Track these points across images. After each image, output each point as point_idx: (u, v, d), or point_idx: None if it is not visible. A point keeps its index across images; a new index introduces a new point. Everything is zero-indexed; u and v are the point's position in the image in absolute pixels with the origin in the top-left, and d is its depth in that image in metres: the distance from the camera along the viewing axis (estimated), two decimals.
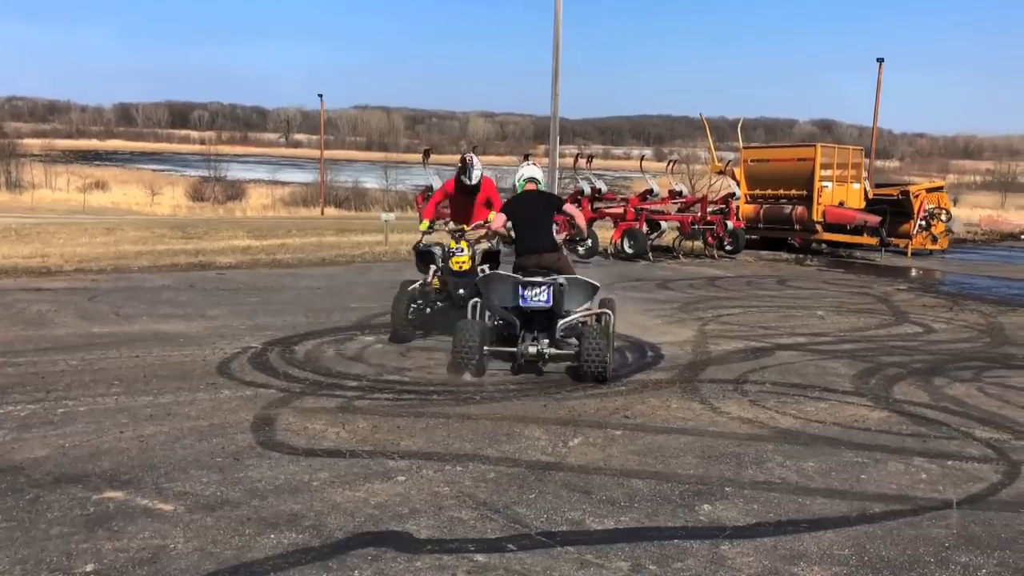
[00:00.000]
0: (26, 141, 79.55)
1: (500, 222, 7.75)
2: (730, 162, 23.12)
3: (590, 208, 18.38)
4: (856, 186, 21.90)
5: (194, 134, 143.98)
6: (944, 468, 5.04)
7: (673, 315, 10.67)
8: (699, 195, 21.20)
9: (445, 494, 4.40)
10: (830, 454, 5.25)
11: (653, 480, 4.70)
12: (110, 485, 4.41)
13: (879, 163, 66.12)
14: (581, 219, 8.41)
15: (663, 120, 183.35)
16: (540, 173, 8.08)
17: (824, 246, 21.34)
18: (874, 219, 19.65)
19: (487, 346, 6.97)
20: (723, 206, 19.42)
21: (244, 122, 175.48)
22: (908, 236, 20.71)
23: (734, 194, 19.87)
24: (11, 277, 12.31)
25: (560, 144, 22.56)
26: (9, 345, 7.80)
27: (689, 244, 19.51)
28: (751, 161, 22.54)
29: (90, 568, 3.49)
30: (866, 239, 20.19)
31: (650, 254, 17.97)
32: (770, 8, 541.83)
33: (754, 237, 21.15)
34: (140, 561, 3.55)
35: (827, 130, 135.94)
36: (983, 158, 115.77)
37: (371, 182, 60.04)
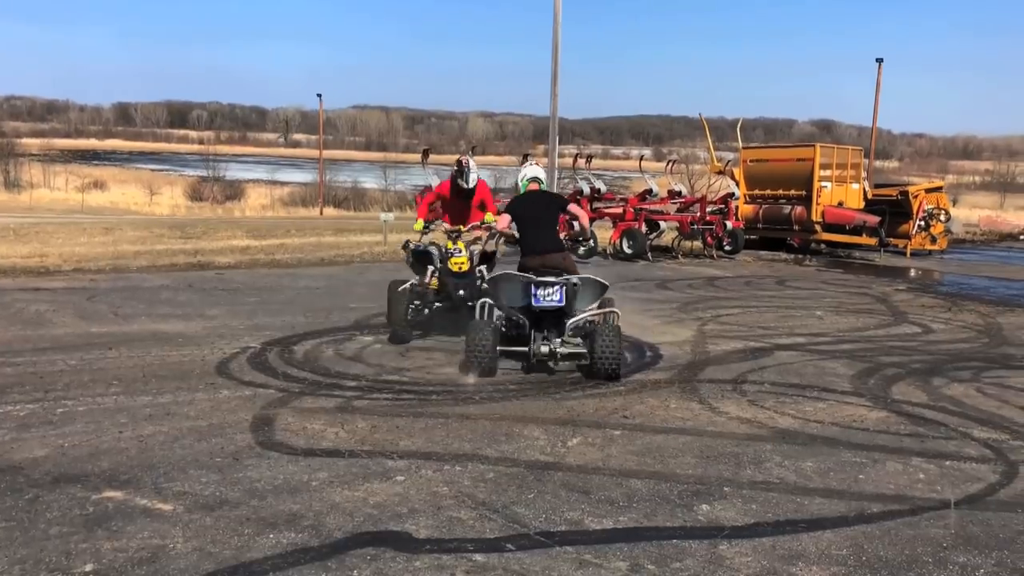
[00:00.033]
0: (24, 141, 79.62)
1: (505, 223, 7.74)
2: (729, 162, 23.14)
3: (589, 208, 18.39)
4: (855, 186, 21.91)
5: (193, 134, 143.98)
6: (942, 468, 5.04)
7: (672, 315, 10.67)
8: (698, 195, 21.23)
9: (444, 494, 4.40)
10: (828, 454, 5.25)
11: (652, 480, 4.70)
12: (109, 485, 4.41)
13: (878, 163, 66.17)
14: (585, 219, 8.42)
15: (662, 120, 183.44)
16: (543, 173, 8.12)
17: (823, 246, 21.34)
18: (873, 219, 19.65)
19: (499, 346, 7.01)
20: (722, 206, 19.45)
21: (243, 122, 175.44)
22: (907, 236, 20.72)
23: (733, 194, 19.89)
24: (9, 277, 12.31)
25: (559, 144, 22.60)
26: (8, 345, 7.80)
27: (688, 244, 19.52)
28: (750, 161, 22.55)
29: (89, 568, 3.49)
30: (865, 239, 20.20)
31: (649, 254, 17.98)
32: (769, 8, 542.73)
33: (753, 237, 21.16)
34: (139, 561, 3.56)
35: (826, 130, 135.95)
36: (982, 158, 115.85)
37: (370, 182, 60.08)
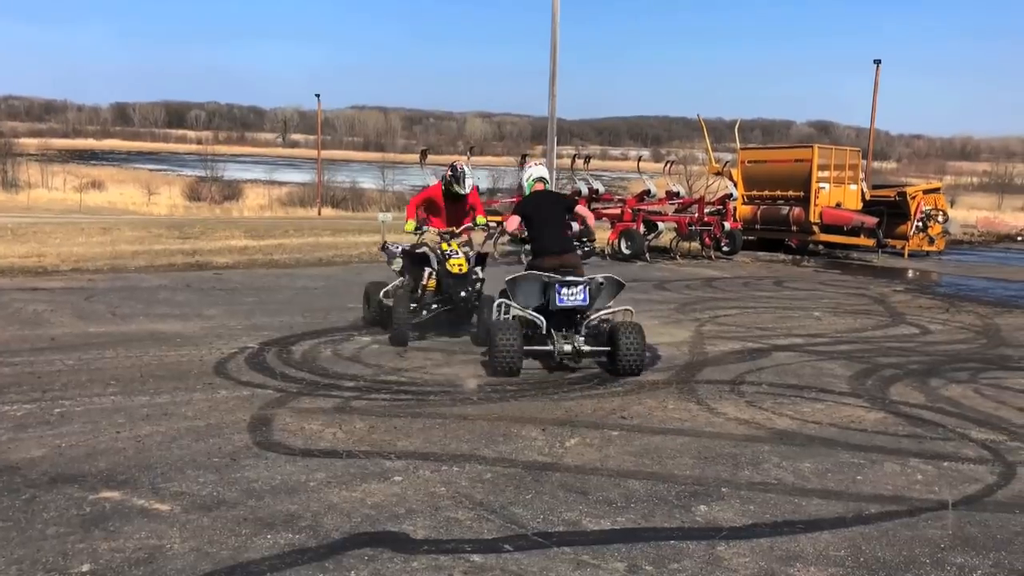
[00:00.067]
0: (22, 140, 79.57)
1: (515, 224, 7.78)
2: (727, 163, 23.16)
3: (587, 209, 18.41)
4: (853, 187, 21.92)
5: (191, 134, 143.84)
6: (940, 469, 5.05)
7: (670, 316, 10.68)
8: (696, 196, 21.23)
9: (442, 494, 4.40)
10: (826, 455, 5.26)
11: (649, 481, 4.70)
12: (106, 485, 4.40)
13: (876, 164, 66.24)
14: (592, 220, 8.50)
15: (660, 121, 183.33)
16: (547, 172, 8.18)
17: (821, 247, 21.36)
18: (871, 220, 19.67)
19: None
20: (720, 207, 19.45)
21: (241, 122, 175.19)
22: (905, 237, 20.73)
23: (731, 195, 19.89)
24: (7, 277, 12.30)
25: (558, 145, 22.59)
26: (5, 345, 7.79)
27: (686, 245, 19.53)
28: (748, 162, 22.57)
29: (86, 568, 3.49)
30: (863, 240, 20.22)
31: (647, 255, 17.99)
32: (768, 9, 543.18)
33: (751, 238, 21.18)
34: (136, 561, 3.55)
35: (824, 131, 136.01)
36: (980, 160, 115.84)
37: (368, 182, 60.01)
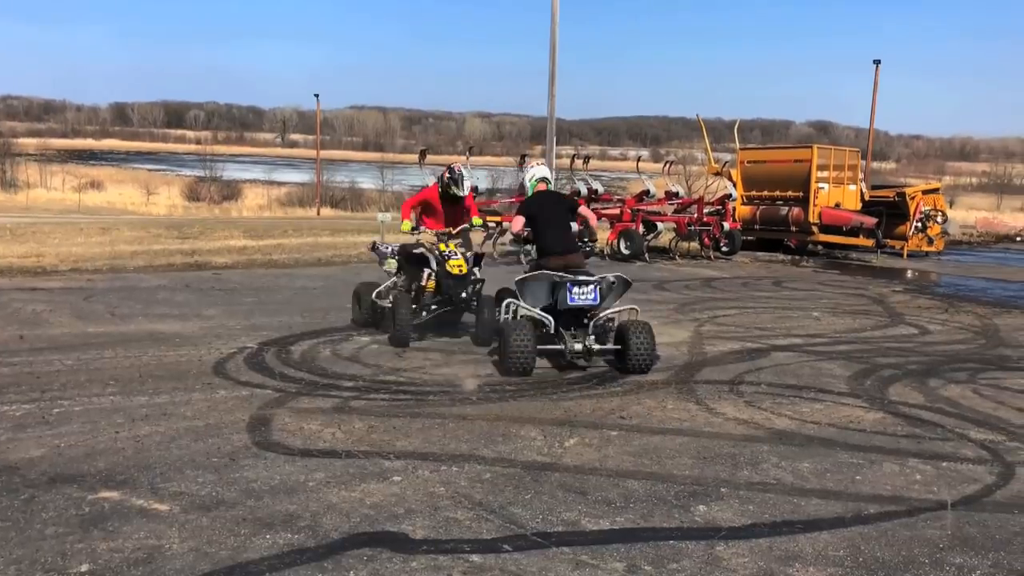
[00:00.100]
0: (21, 140, 79.56)
1: (519, 225, 7.80)
2: (726, 163, 23.15)
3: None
4: (852, 188, 21.91)
5: (190, 134, 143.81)
6: (939, 469, 5.05)
7: (669, 316, 10.68)
8: (695, 196, 21.22)
9: (441, 494, 4.40)
10: (825, 455, 5.26)
11: (649, 481, 4.71)
12: (105, 485, 4.40)
13: (875, 165, 66.24)
14: (595, 221, 8.55)
15: (660, 121, 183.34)
16: (550, 173, 8.23)
17: (820, 247, 21.36)
18: (870, 221, 19.68)
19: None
20: (719, 207, 19.45)
21: (240, 122, 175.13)
22: (904, 238, 20.76)
23: (730, 195, 19.88)
24: (6, 277, 12.29)
25: (557, 145, 22.59)
26: (4, 345, 7.78)
27: (685, 245, 19.53)
28: (747, 162, 22.57)
29: (85, 568, 3.48)
30: (862, 241, 20.22)
31: (646, 255, 17.99)
32: (768, 9, 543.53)
33: (750, 238, 21.17)
34: (135, 561, 3.55)
35: (824, 131, 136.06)
36: (979, 160, 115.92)
37: (367, 182, 59.99)
